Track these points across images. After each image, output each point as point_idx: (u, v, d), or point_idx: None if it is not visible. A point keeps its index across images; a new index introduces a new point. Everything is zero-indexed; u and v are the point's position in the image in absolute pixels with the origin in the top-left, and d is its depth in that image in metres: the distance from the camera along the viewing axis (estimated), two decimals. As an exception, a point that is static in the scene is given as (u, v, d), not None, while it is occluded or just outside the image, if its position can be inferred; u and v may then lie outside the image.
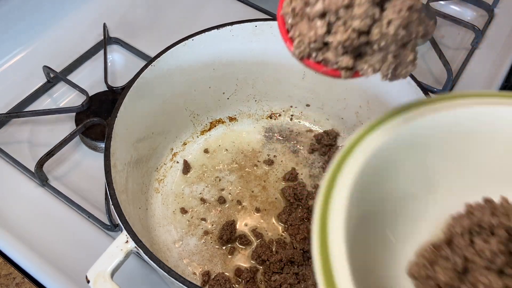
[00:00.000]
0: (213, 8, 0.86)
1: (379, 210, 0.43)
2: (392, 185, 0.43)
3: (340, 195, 0.38)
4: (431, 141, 0.44)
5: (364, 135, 0.44)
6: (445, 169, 0.45)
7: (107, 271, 0.45)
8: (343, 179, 0.39)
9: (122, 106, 0.54)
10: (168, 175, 0.64)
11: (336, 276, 0.34)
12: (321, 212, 0.38)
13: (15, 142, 0.68)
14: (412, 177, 0.45)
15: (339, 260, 0.35)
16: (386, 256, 0.44)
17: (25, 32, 0.77)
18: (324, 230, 0.37)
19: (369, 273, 0.40)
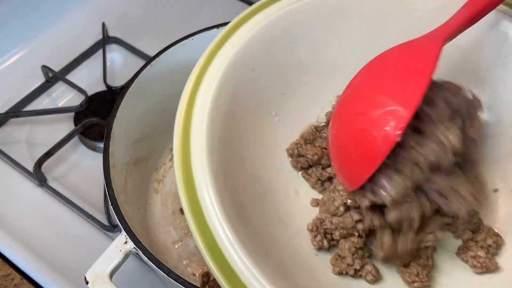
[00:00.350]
0: (213, 7, 0.85)
1: (267, 89, 0.45)
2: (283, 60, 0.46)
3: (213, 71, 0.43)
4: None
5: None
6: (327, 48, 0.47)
7: (106, 272, 0.45)
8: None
9: (121, 105, 0.54)
10: (168, 176, 0.64)
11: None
12: (191, 88, 0.42)
13: (13, 142, 0.68)
14: (301, 55, 0.47)
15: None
16: (267, 133, 0.46)
17: (23, 32, 0.77)
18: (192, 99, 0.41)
19: (241, 144, 0.42)
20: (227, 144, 0.41)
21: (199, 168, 0.38)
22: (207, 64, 0.44)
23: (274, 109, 0.48)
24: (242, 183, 0.41)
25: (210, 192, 0.37)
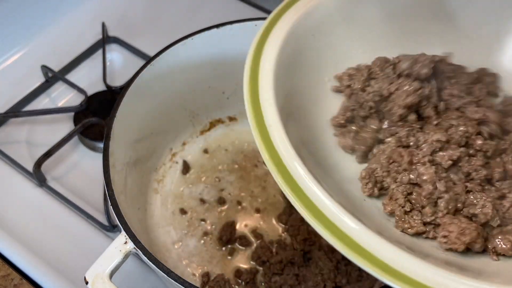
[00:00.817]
0: (213, 7, 0.85)
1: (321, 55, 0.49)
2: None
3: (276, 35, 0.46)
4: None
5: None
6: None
7: (105, 272, 0.44)
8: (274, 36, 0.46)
9: (121, 105, 0.53)
10: (168, 176, 0.64)
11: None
12: (255, 47, 0.45)
13: (13, 142, 0.68)
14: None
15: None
16: (318, 94, 0.49)
17: (23, 31, 0.77)
18: (257, 62, 0.44)
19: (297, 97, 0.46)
20: (290, 89, 0.45)
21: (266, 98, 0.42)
22: (273, 23, 0.48)
23: (327, 75, 0.50)
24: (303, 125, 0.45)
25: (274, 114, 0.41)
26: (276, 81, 0.43)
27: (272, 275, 0.55)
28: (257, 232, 0.60)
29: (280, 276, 0.55)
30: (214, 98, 0.66)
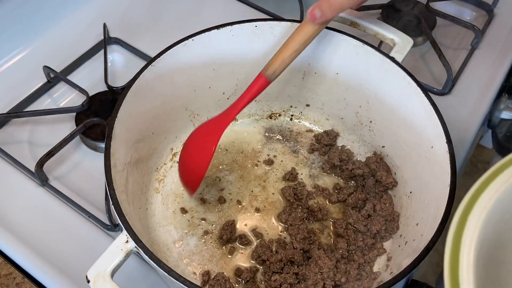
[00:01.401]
0: (213, 8, 0.86)
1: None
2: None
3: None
4: None
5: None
6: None
7: (107, 271, 0.45)
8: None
9: (122, 106, 0.54)
10: (168, 175, 0.64)
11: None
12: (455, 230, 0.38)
13: (15, 142, 0.68)
14: None
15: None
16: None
17: (25, 32, 0.77)
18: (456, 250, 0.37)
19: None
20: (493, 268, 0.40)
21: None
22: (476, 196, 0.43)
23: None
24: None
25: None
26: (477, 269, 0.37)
27: (272, 274, 0.56)
28: (257, 231, 0.60)
29: (280, 274, 0.55)
30: (214, 98, 0.66)
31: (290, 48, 0.56)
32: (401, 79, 0.57)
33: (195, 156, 0.58)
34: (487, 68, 0.79)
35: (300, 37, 0.56)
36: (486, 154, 1.62)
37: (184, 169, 0.59)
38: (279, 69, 0.57)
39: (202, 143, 0.58)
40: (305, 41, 0.56)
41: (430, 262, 1.48)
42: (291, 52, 0.56)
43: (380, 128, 0.63)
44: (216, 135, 0.57)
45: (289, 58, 0.57)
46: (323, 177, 0.65)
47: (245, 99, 0.57)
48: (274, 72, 0.56)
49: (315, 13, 0.54)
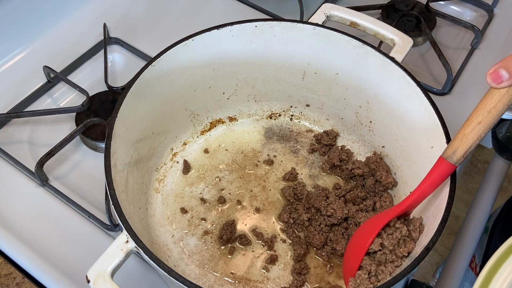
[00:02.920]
0: (213, 8, 0.86)
1: None
2: None
3: None
4: None
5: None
6: None
7: (107, 271, 0.45)
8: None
9: (122, 106, 0.54)
10: (168, 175, 0.64)
11: None
12: None
13: (15, 142, 0.68)
14: None
15: None
16: None
17: (25, 32, 0.77)
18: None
19: None
20: None
21: None
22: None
23: None
24: None
25: None
26: None
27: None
28: (257, 231, 0.60)
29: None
30: (214, 98, 0.66)
31: (471, 120, 0.47)
32: (401, 79, 0.57)
33: (354, 246, 0.53)
34: (487, 68, 0.78)
35: (483, 105, 0.46)
36: (486, 154, 1.62)
37: (346, 257, 0.54)
38: (461, 148, 0.47)
39: (363, 233, 0.53)
40: (490, 109, 0.46)
41: (430, 262, 1.48)
42: (474, 125, 0.47)
43: (380, 128, 0.63)
44: (377, 227, 0.51)
45: (472, 134, 0.47)
46: (323, 177, 0.65)
47: (420, 189, 0.50)
48: (454, 152, 0.47)
49: (501, 74, 0.47)
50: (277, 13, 0.84)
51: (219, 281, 0.56)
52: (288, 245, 0.59)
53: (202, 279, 0.57)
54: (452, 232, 1.41)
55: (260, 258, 0.58)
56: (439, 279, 0.73)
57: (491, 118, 0.46)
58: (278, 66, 0.65)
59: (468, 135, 0.47)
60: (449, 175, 0.49)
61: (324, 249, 0.58)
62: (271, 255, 0.58)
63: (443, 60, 0.76)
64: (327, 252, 0.58)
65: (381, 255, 0.50)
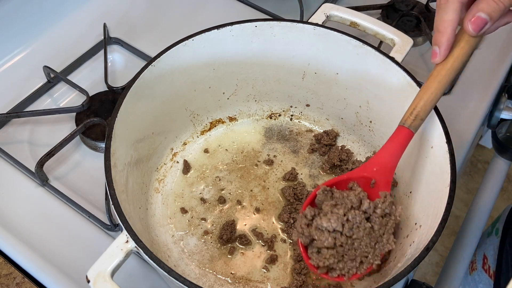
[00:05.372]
0: (213, 8, 0.86)
1: None
2: None
3: None
4: None
5: None
6: None
7: (107, 271, 0.45)
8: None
9: (122, 106, 0.54)
10: (168, 175, 0.64)
11: None
12: None
13: (15, 142, 0.68)
14: None
15: None
16: None
17: (25, 32, 0.77)
18: None
19: None
20: None
21: None
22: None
23: None
24: None
25: None
26: None
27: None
28: (257, 231, 0.60)
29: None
30: (214, 98, 0.66)
31: (430, 84, 0.50)
32: (401, 79, 0.57)
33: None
34: (487, 68, 0.79)
35: (442, 65, 0.50)
36: (486, 154, 1.62)
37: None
38: (421, 113, 0.50)
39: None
40: (448, 69, 0.49)
41: (430, 262, 1.48)
42: (433, 88, 0.50)
43: (380, 128, 0.63)
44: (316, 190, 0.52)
45: (432, 97, 0.50)
46: (323, 177, 0.65)
47: (378, 156, 0.52)
48: (415, 118, 0.50)
49: (484, 17, 0.46)
50: (277, 13, 0.84)
51: (219, 281, 0.56)
52: (288, 245, 0.59)
53: (202, 279, 0.57)
54: (452, 232, 1.41)
55: (260, 258, 0.58)
56: (439, 279, 0.73)
57: (450, 76, 0.50)
58: (278, 66, 0.65)
59: (428, 100, 0.50)
60: (408, 141, 0.51)
61: (324, 249, 0.58)
62: (271, 255, 0.58)
63: (443, 60, 0.76)
64: (327, 252, 0.58)
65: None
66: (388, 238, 0.50)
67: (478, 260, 0.88)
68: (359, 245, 0.49)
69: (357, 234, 0.49)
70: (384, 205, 0.50)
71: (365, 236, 0.49)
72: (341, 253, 0.49)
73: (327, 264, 0.49)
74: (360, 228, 0.49)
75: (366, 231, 0.49)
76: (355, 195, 0.50)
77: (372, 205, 0.50)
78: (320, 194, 0.51)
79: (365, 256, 0.50)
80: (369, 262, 0.50)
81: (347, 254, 0.49)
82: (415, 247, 0.51)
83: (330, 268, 0.50)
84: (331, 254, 0.49)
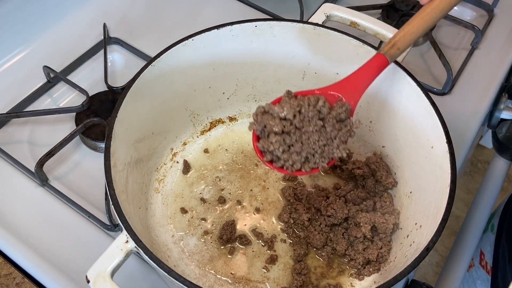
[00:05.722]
0: (213, 8, 0.86)
1: None
2: None
3: None
4: None
5: None
6: None
7: (107, 271, 0.45)
8: None
9: (122, 106, 0.54)
10: (168, 175, 0.64)
11: None
12: None
13: (15, 142, 0.68)
14: None
15: None
16: None
17: (25, 32, 0.77)
18: None
19: None
20: None
21: None
22: None
23: None
24: None
25: None
26: None
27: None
28: (256, 231, 0.60)
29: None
30: (214, 98, 0.66)
31: (415, 18, 0.53)
32: (401, 79, 0.57)
33: None
34: (487, 68, 0.79)
35: (429, 5, 0.52)
36: (486, 154, 1.62)
37: None
38: (402, 38, 0.52)
39: None
40: (434, 7, 0.52)
41: (430, 262, 1.48)
42: (416, 21, 0.52)
43: (380, 128, 0.63)
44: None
45: (414, 30, 0.52)
46: (323, 177, 0.65)
47: (352, 75, 0.54)
48: (392, 46, 0.53)
49: None
50: (277, 13, 0.84)
51: (219, 281, 0.56)
52: (288, 245, 0.59)
53: (202, 279, 0.57)
54: (452, 232, 1.41)
55: (260, 258, 0.58)
56: (439, 279, 0.73)
57: (433, 15, 0.52)
58: (278, 66, 0.65)
59: (407, 32, 0.52)
60: (383, 69, 0.53)
61: (324, 249, 0.58)
62: (271, 255, 0.58)
63: (443, 60, 0.76)
64: (327, 252, 0.58)
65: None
66: (339, 144, 0.51)
67: (476, 257, 0.88)
68: (307, 140, 0.50)
69: (306, 128, 0.50)
70: (340, 109, 0.51)
71: (315, 133, 0.50)
72: (288, 142, 0.49)
73: (272, 149, 0.49)
74: (311, 123, 0.50)
75: (316, 128, 0.50)
76: (314, 98, 0.51)
77: (327, 105, 0.51)
78: (285, 97, 0.52)
79: (312, 154, 0.50)
80: (315, 162, 0.50)
81: (293, 146, 0.50)
82: (415, 247, 0.51)
83: (275, 158, 0.50)
84: (277, 140, 0.49)
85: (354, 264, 0.57)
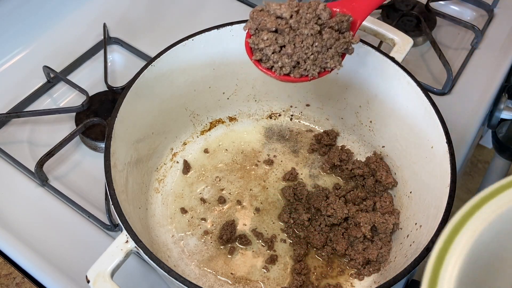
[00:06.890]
0: (213, 8, 0.86)
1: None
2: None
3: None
4: None
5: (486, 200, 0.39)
6: None
7: (107, 271, 0.45)
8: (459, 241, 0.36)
9: (122, 106, 0.54)
10: (168, 175, 0.64)
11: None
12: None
13: (15, 142, 0.68)
14: None
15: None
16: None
17: (25, 32, 0.77)
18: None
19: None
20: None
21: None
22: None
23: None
24: None
25: None
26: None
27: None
28: (256, 231, 0.60)
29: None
30: (214, 98, 0.66)
31: None
32: (401, 79, 0.57)
33: None
34: (487, 68, 0.79)
35: None
36: (486, 154, 1.62)
37: None
38: None
39: None
40: None
41: (430, 262, 1.47)
42: None
43: (380, 128, 0.63)
44: None
45: None
46: (323, 177, 0.65)
47: None
48: None
49: None
50: (277, 13, 0.84)
51: (219, 281, 0.56)
52: (288, 245, 0.59)
53: (202, 279, 0.57)
54: (452, 232, 1.40)
55: (260, 258, 0.58)
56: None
57: None
58: (278, 66, 0.64)
59: None
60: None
61: (324, 249, 0.58)
62: (271, 255, 0.58)
63: (443, 60, 0.76)
64: (327, 252, 0.58)
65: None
66: (334, 54, 0.49)
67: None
68: (300, 43, 0.48)
69: (302, 30, 0.47)
70: (341, 17, 0.49)
71: (310, 37, 0.48)
72: (280, 43, 0.48)
73: (262, 47, 0.48)
74: (308, 26, 0.47)
75: (312, 31, 0.47)
76: (315, 2, 0.49)
77: (328, 10, 0.48)
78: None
79: (303, 59, 0.48)
80: (305, 69, 0.49)
81: (285, 47, 0.48)
82: (415, 247, 0.51)
83: (265, 58, 0.49)
84: (269, 37, 0.47)
85: (354, 264, 0.57)
